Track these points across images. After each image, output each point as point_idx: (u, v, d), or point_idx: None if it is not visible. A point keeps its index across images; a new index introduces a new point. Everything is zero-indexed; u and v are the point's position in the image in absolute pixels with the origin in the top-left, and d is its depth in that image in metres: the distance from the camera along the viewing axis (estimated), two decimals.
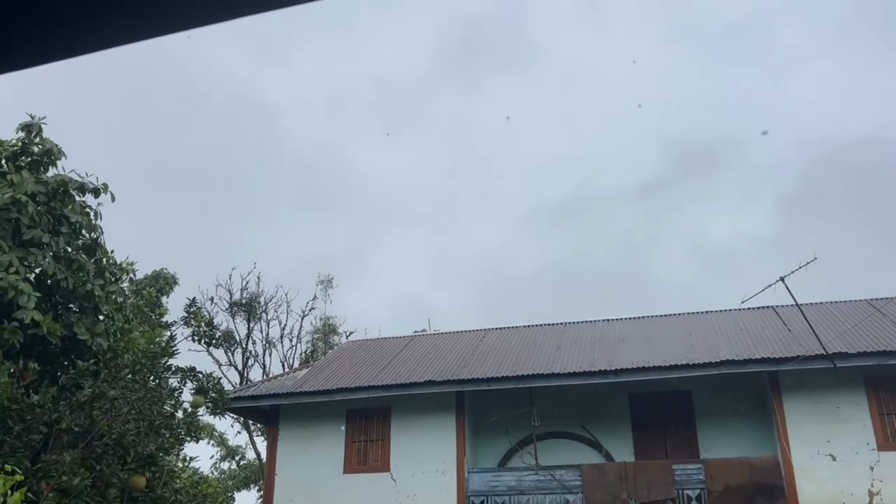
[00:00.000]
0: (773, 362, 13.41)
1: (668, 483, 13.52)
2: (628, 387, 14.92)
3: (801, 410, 13.52)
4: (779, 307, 16.38)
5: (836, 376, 13.23)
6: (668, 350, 14.91)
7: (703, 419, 15.00)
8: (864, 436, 13.07)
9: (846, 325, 14.28)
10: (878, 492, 12.64)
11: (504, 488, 14.38)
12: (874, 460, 12.86)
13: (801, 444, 13.28)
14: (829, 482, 12.88)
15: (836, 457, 13.04)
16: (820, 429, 13.29)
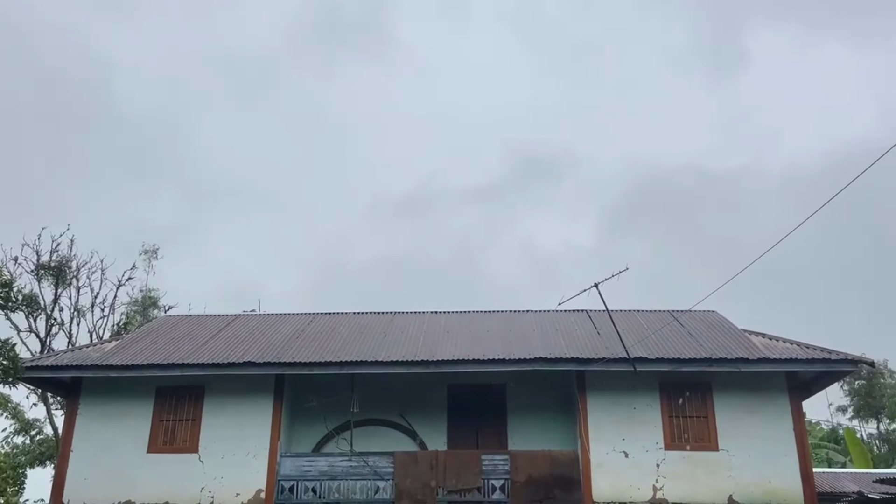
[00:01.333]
0: (581, 362, 14.23)
1: (476, 472, 14.00)
2: (448, 378, 15.29)
3: (602, 409, 14.44)
4: (592, 311, 17.42)
5: (635, 379, 14.26)
6: (487, 344, 15.43)
7: (515, 412, 15.67)
8: (655, 435, 14.18)
9: (648, 333, 15.43)
10: (662, 487, 13.78)
11: (316, 473, 14.29)
12: (661, 458, 14.00)
13: (599, 441, 14.20)
14: (621, 477, 13.88)
15: (629, 454, 14.06)
16: (617, 427, 14.27)
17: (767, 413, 14.21)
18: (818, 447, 31.23)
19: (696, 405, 14.37)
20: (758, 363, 13.94)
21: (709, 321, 16.80)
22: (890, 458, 33.07)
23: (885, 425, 37.55)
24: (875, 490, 15.49)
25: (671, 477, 13.84)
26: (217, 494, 14.14)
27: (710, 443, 14.08)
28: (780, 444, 13.99)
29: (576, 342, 15.51)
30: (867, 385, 36.00)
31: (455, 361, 14.36)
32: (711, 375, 14.29)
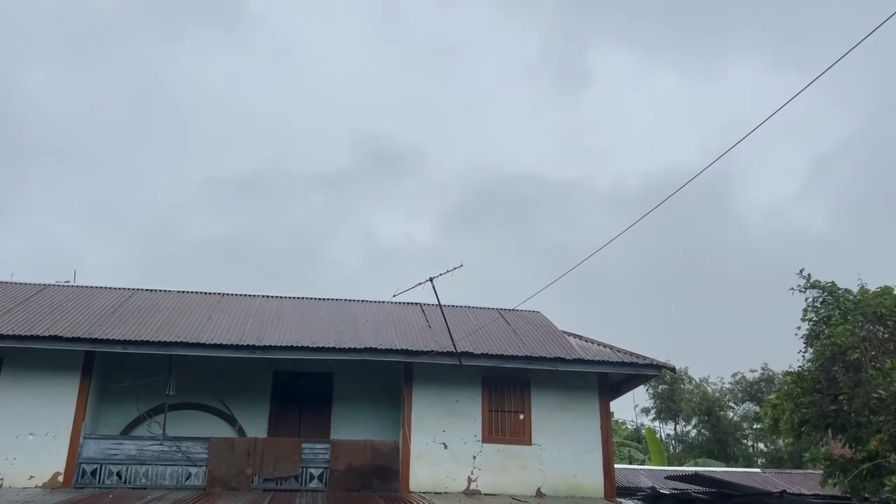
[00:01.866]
0: (410, 354, 14.41)
1: (295, 461, 13.81)
2: (274, 364, 14.96)
3: (427, 401, 14.70)
4: (425, 305, 17.71)
5: (460, 373, 14.64)
6: (318, 332, 15.26)
7: (341, 402, 15.61)
8: (474, 428, 14.63)
9: (476, 329, 15.90)
10: (476, 478, 14.24)
11: (123, 457, 13.50)
12: (478, 451, 14.46)
13: (421, 432, 14.44)
14: (438, 468, 14.20)
15: (448, 445, 14.41)
16: (440, 419, 14.58)
17: (578, 411, 15.05)
18: (622, 445, 33.57)
19: (515, 401, 14.97)
20: (573, 363, 14.74)
21: (533, 321, 17.57)
22: (683, 458, 36.16)
23: (681, 427, 41.05)
24: (666, 486, 16.86)
25: (486, 469, 14.33)
26: (8, 476, 12.99)
27: (525, 437, 14.73)
28: (588, 441, 14.87)
29: (406, 334, 15.69)
30: (669, 390, 39.14)
31: (283, 348, 14.07)
32: (531, 373, 14.95)
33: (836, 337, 12.38)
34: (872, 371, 11.93)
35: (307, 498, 12.60)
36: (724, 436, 37.05)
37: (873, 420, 11.81)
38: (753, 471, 22.25)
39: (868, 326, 12.51)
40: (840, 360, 12.37)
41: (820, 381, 12.68)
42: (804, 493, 16.03)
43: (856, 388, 11.97)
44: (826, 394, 12.53)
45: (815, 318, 13.24)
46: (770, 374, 36.69)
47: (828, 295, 13.33)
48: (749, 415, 38.18)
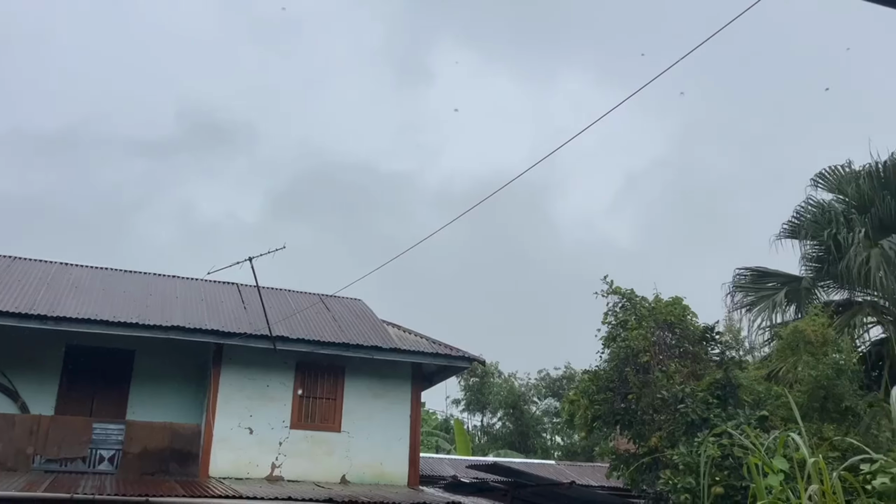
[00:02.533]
0: (221, 335, 13.87)
1: (84, 441, 12.86)
2: (67, 337, 13.82)
3: (235, 384, 14.22)
4: (242, 286, 17.11)
5: (274, 357, 14.29)
6: (120, 306, 14.28)
7: (141, 381, 14.71)
8: (283, 414, 14.35)
9: (294, 313, 15.59)
10: (281, 465, 13.98)
11: None
12: (285, 436, 14.20)
13: (227, 416, 13.94)
14: (242, 453, 13.78)
15: (254, 430, 14.03)
16: (247, 403, 14.15)
17: (390, 399, 15.20)
18: (431, 435, 34.41)
19: (328, 387, 14.86)
20: (389, 352, 14.86)
21: (353, 308, 17.52)
22: (487, 448, 37.69)
23: (487, 419, 42.75)
24: (467, 475, 17.47)
25: (291, 455, 14.11)
26: None
27: (334, 424, 14.66)
28: (397, 430, 15.06)
29: (219, 314, 15.09)
30: (480, 383, 40.62)
31: (78, 320, 13.04)
32: (346, 360, 14.90)
33: (629, 340, 13.40)
34: (658, 373, 13.03)
35: (94, 481, 11.77)
36: (525, 429, 39.02)
37: (656, 418, 12.90)
38: (548, 462, 23.62)
39: (658, 332, 13.65)
40: (632, 362, 13.40)
41: (613, 380, 13.67)
42: (591, 484, 17.23)
43: (643, 388, 13.02)
44: (618, 392, 13.53)
45: (613, 321, 14.25)
46: (572, 373, 39.05)
47: (626, 301, 14.39)
48: (550, 410, 40.47)
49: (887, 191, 16.27)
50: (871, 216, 16.20)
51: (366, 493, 12.52)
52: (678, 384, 12.75)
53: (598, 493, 14.97)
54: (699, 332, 14.09)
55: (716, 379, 12.39)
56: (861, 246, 15.23)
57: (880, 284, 14.87)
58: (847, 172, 17.17)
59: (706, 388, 12.37)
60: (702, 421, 11.76)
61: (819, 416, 11.92)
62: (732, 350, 15.49)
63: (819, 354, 12.38)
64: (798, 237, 17.32)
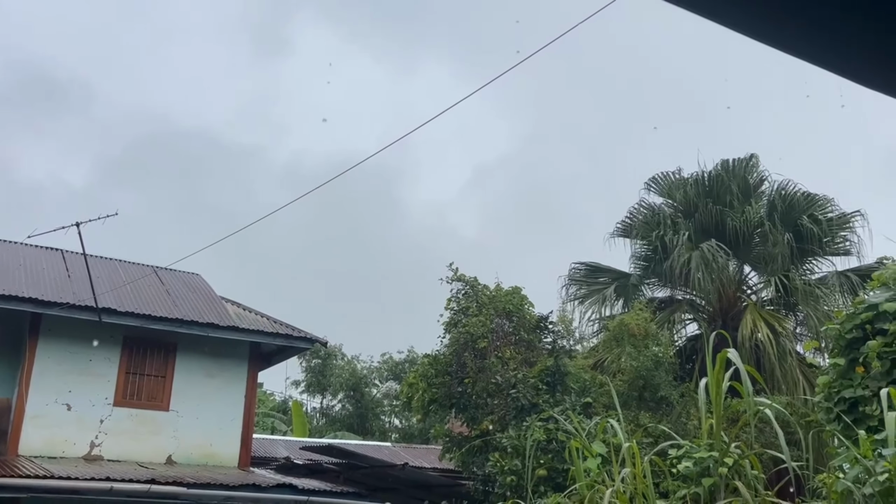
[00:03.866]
0: (39, 304, 12.82)
1: None
2: None
3: (54, 358, 13.24)
4: (67, 252, 15.90)
5: (99, 330, 13.40)
6: None
7: None
8: (106, 390, 13.52)
9: (124, 284, 14.70)
10: (101, 443, 13.18)
11: None
12: (107, 414, 13.39)
13: (42, 391, 12.95)
14: (57, 430, 12.86)
15: (72, 407, 13.13)
16: (66, 378, 13.21)
17: (225, 379, 14.71)
18: (267, 416, 33.74)
19: (157, 364, 14.15)
20: (226, 330, 14.35)
21: (190, 283, 16.77)
22: (325, 430, 37.48)
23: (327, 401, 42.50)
24: (301, 456, 17.28)
25: (113, 434, 13.33)
26: None
27: (162, 402, 14.00)
28: (230, 410, 14.61)
29: (39, 282, 13.94)
30: (322, 364, 40.27)
31: None
32: (179, 336, 14.24)
33: (470, 326, 13.75)
34: (495, 359, 13.47)
35: None
36: (365, 411, 39.16)
37: (489, 403, 13.34)
38: (384, 444, 23.83)
39: (497, 320, 14.10)
40: (471, 348, 13.77)
41: (452, 364, 13.98)
42: (425, 466, 17.55)
43: (480, 373, 13.41)
44: (455, 377, 13.85)
45: (456, 307, 14.56)
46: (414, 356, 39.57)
47: (469, 288, 14.75)
48: (391, 392, 40.84)
49: (710, 198, 17.67)
50: (695, 221, 17.56)
51: (192, 473, 12.06)
52: (512, 370, 13.24)
53: (430, 474, 15.28)
54: (535, 321, 14.69)
55: (546, 366, 12.98)
56: (684, 248, 16.47)
57: (698, 284, 16.17)
58: (677, 179, 18.49)
59: (537, 375, 12.92)
60: (531, 406, 12.28)
61: (637, 404, 12.81)
62: (564, 339, 16.27)
63: (641, 347, 13.29)
64: (630, 236, 18.48)
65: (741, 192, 17.73)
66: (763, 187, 18.25)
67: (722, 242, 16.66)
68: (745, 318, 15.71)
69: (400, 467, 14.48)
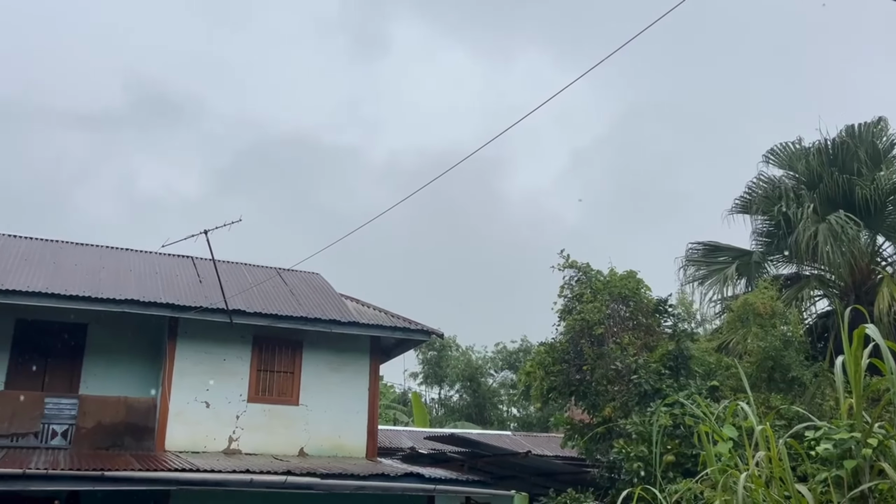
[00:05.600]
0: (176, 308, 13.69)
1: (36, 416, 12.64)
2: (17, 311, 13.49)
3: (191, 358, 14.08)
4: (197, 259, 16.88)
5: (230, 331, 14.17)
6: (73, 279, 13.98)
7: (94, 355, 14.45)
8: (240, 387, 14.28)
9: (250, 286, 15.45)
10: (238, 438, 13.94)
11: None
12: (242, 410, 14.14)
13: (182, 390, 13.82)
14: (198, 426, 13.69)
15: (211, 404, 13.94)
16: (203, 377, 14.03)
17: (348, 373, 15.23)
18: (389, 408, 34.61)
19: (286, 361, 14.81)
20: (347, 326, 14.85)
21: (311, 282, 17.43)
22: (444, 420, 38.05)
23: (445, 391, 43.12)
24: (425, 446, 17.65)
25: (249, 429, 14.07)
26: None
27: (292, 397, 14.64)
28: (355, 402, 15.11)
29: (174, 288, 14.88)
30: (437, 356, 40.90)
31: (29, 293, 12.73)
32: (304, 334, 14.85)
33: (585, 313, 13.61)
34: (613, 345, 13.29)
35: (47, 456, 11.60)
36: (482, 401, 39.49)
37: (610, 389, 13.18)
38: (505, 433, 23.96)
39: (613, 305, 13.90)
40: (587, 334, 13.64)
41: (569, 352, 13.90)
42: (546, 454, 17.55)
43: (598, 359, 13.27)
44: (573, 364, 13.76)
45: (569, 294, 14.45)
46: (528, 345, 39.53)
47: (582, 275, 14.59)
48: (507, 382, 40.98)
49: (835, 167, 16.72)
50: (820, 192, 16.65)
51: (324, 465, 12.57)
52: (632, 356, 13.02)
53: (553, 462, 15.27)
54: (652, 305, 14.37)
55: (668, 350, 12.68)
56: (809, 221, 15.67)
57: (827, 258, 15.35)
58: (797, 149, 17.59)
59: (659, 360, 12.65)
60: (654, 391, 12.04)
61: (767, 386, 12.31)
62: (684, 322, 15.87)
63: (768, 326, 12.76)
64: (749, 212, 17.74)
65: (870, 159, 16.68)
66: (894, 152, 17.09)
67: (851, 213, 15.74)
68: (882, 292, 14.80)
69: (523, 455, 14.54)
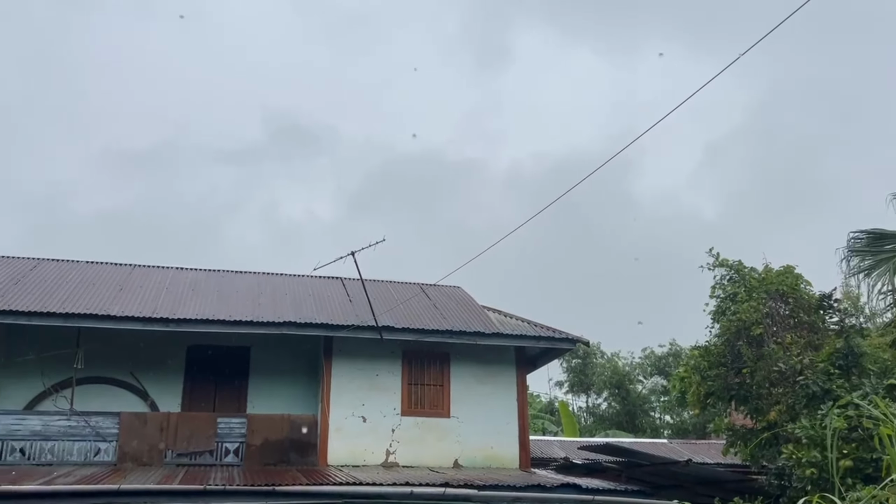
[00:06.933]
0: (329, 328, 14.31)
1: (210, 435, 13.56)
2: (189, 337, 14.59)
3: (346, 375, 14.66)
4: (345, 279, 17.58)
5: (381, 347, 14.64)
6: (235, 305, 14.95)
7: (258, 376, 15.38)
8: (393, 401, 14.70)
9: (397, 303, 15.90)
10: (395, 451, 14.34)
11: (26, 433, 12.95)
12: (397, 423, 14.55)
13: (340, 406, 14.41)
14: (357, 441, 14.22)
15: (367, 418, 14.43)
16: (358, 393, 14.57)
17: (496, 384, 15.31)
18: (536, 417, 34.41)
19: (435, 374, 15.11)
20: (492, 337, 14.96)
21: (453, 296, 17.70)
22: (594, 429, 37.35)
23: (592, 400, 42.33)
24: (579, 456, 17.39)
25: (404, 441, 14.44)
26: None
27: (444, 410, 14.90)
28: (504, 413, 15.17)
29: (327, 308, 15.56)
30: (582, 364, 40.25)
31: (199, 321, 13.73)
32: (450, 347, 15.09)
33: (741, 313, 12.97)
34: (774, 346, 12.57)
35: (222, 472, 12.41)
36: (632, 408, 38.43)
37: (773, 392, 12.46)
38: (660, 441, 23.21)
39: (770, 303, 13.16)
40: (744, 335, 12.97)
41: (725, 355, 13.27)
42: (707, 461, 16.82)
43: (758, 361, 12.59)
44: (731, 367, 13.13)
45: (722, 294, 13.82)
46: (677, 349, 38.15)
47: (734, 273, 13.93)
48: (657, 388, 39.67)
49: None
50: None
51: (480, 476, 12.67)
52: (795, 356, 12.26)
53: (716, 470, 14.61)
54: (814, 300, 13.48)
55: (836, 348, 11.84)
56: None
57: None
58: None
59: (826, 359, 11.84)
60: (824, 392, 11.27)
61: None
62: (852, 317, 14.74)
63: None
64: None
65: None
66: None
67: None
68: None
69: (683, 464, 14.02)
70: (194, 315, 13.92)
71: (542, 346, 15.72)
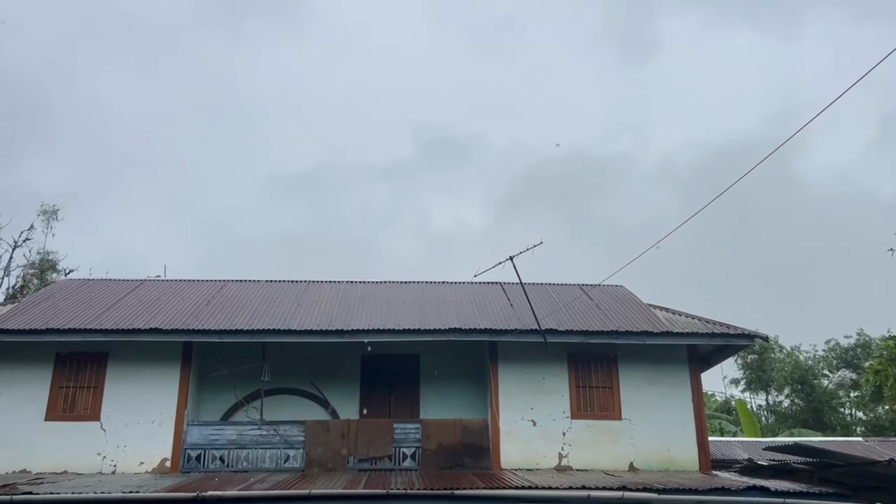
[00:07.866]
0: (494, 333, 14.45)
1: (387, 441, 14.09)
2: (362, 347, 15.25)
3: (513, 379, 14.74)
4: (505, 284, 17.70)
5: (545, 350, 14.59)
6: (403, 314, 15.46)
7: (427, 382, 15.80)
8: (562, 405, 14.59)
9: (559, 305, 15.80)
10: (567, 454, 14.22)
11: (224, 442, 14.06)
12: (567, 427, 14.43)
13: (509, 410, 14.50)
14: (528, 444, 14.24)
15: (537, 422, 14.42)
16: (526, 397, 14.59)
17: (668, 384, 14.81)
18: (712, 417, 32.91)
19: (602, 376, 14.85)
20: (661, 336, 14.50)
21: (616, 295, 17.35)
22: (776, 428, 35.21)
23: (772, 397, 39.91)
24: (764, 457, 16.47)
25: (576, 445, 14.29)
26: (120, 463, 13.72)
27: (614, 412, 14.60)
28: (679, 414, 14.64)
29: (489, 313, 15.74)
30: (759, 359, 38.10)
31: (370, 331, 14.33)
32: (617, 347, 14.79)
33: None
34: None
35: (402, 477, 12.86)
36: (819, 405, 35.85)
37: None
38: (854, 439, 21.46)
39: None
40: None
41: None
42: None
43: None
44: None
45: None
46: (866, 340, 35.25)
47: None
48: (845, 382, 36.80)
49: None
50: None
51: (658, 479, 12.31)
52: None
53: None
54: None
55: None
56: None
57: None
58: None
59: None
60: None
61: None
62: None
63: None
64: None
65: None
66: None
67: None
68: None
69: (885, 464, 12.87)
70: (366, 326, 14.55)
71: (717, 343, 15.03)
